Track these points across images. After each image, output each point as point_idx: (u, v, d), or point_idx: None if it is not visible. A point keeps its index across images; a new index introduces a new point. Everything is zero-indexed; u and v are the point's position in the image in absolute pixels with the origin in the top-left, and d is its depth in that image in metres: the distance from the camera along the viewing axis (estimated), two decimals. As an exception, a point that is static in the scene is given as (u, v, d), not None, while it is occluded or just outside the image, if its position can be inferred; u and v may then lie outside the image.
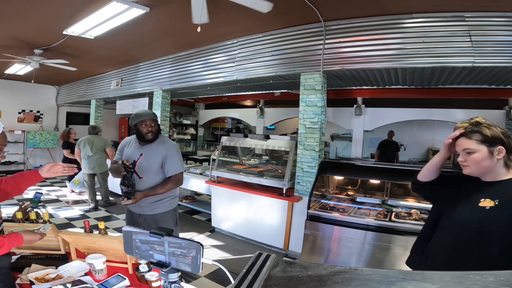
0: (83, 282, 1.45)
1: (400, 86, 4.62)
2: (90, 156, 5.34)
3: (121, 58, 5.84)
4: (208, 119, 9.76)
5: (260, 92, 6.18)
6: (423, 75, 3.71)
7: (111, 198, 5.73)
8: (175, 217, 2.36)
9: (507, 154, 1.26)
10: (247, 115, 8.49)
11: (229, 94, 6.47)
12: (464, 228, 1.29)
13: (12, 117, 8.53)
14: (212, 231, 4.57)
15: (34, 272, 1.45)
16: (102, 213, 5.25)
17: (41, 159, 8.92)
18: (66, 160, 5.93)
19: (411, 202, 3.38)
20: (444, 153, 1.46)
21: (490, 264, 1.19)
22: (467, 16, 2.83)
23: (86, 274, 1.54)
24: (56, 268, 1.55)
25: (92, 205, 5.44)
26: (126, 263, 1.62)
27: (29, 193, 5.93)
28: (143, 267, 1.54)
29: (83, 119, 9.53)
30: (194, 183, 5.03)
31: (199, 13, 2.58)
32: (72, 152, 5.81)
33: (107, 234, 1.75)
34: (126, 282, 1.49)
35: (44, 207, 5.25)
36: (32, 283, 1.40)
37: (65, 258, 1.71)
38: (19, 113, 8.74)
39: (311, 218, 3.29)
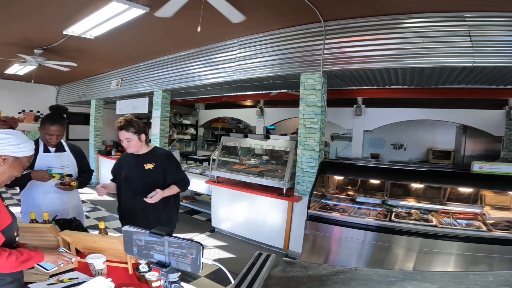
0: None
1: (400, 86, 4.62)
2: None
3: (121, 58, 5.84)
4: (208, 119, 9.76)
5: (260, 92, 6.18)
6: (423, 75, 3.71)
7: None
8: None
9: (146, 137, 2.20)
10: (247, 115, 8.49)
11: (229, 94, 6.46)
12: (139, 184, 2.14)
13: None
14: (212, 231, 4.57)
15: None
16: (102, 213, 5.25)
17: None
18: None
19: (411, 202, 3.38)
20: None
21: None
22: (467, 16, 2.83)
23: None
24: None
25: None
26: (126, 263, 1.62)
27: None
28: (143, 267, 1.54)
29: (83, 119, 9.52)
30: (194, 183, 5.03)
31: (171, 8, 2.60)
32: None
33: (107, 234, 1.75)
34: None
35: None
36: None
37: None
38: (19, 113, 8.74)
39: (311, 218, 3.29)
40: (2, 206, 1.23)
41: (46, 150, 2.28)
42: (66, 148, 2.39)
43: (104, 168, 7.36)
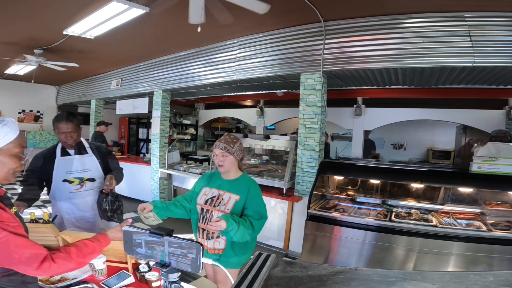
0: (87, 283, 1.46)
1: (400, 86, 4.62)
2: None
3: (121, 58, 5.84)
4: (208, 119, 9.75)
5: (260, 92, 6.18)
6: (423, 75, 3.71)
7: None
8: None
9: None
10: (247, 115, 8.49)
11: (229, 94, 6.46)
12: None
13: (12, 117, 8.49)
14: (212, 231, 4.56)
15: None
16: (102, 213, 5.24)
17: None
18: None
19: (411, 202, 3.37)
20: None
21: None
22: (467, 16, 2.83)
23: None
24: None
25: None
26: (126, 263, 1.63)
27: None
28: (143, 267, 1.54)
29: (83, 119, 9.52)
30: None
31: (198, 13, 2.58)
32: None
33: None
34: (131, 279, 1.50)
35: (45, 207, 5.25)
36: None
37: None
38: (19, 113, 8.75)
39: (311, 218, 3.28)
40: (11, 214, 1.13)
41: (65, 154, 2.15)
42: (89, 150, 2.23)
43: (104, 168, 7.35)
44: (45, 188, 2.21)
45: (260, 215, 1.80)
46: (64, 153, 2.15)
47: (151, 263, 1.23)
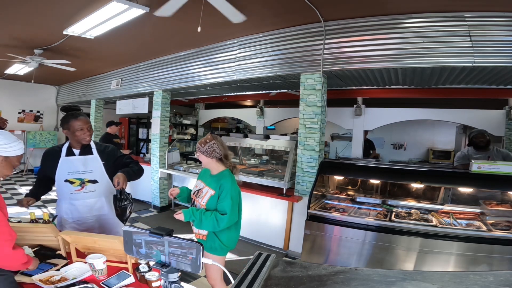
0: (87, 283, 1.46)
1: (400, 86, 4.61)
2: None
3: (121, 58, 5.84)
4: (208, 119, 9.75)
5: (260, 92, 6.18)
6: (423, 75, 3.71)
7: None
8: None
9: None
10: (247, 115, 8.49)
11: (229, 94, 6.46)
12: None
13: (12, 117, 8.53)
14: (212, 231, 4.56)
15: (37, 275, 1.45)
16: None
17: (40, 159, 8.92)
18: None
19: (411, 202, 3.37)
20: None
21: None
22: (467, 16, 2.83)
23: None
24: (58, 270, 1.55)
25: None
26: (126, 263, 1.62)
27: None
28: (143, 267, 1.54)
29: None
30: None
31: (170, 7, 2.59)
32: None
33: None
34: (131, 279, 1.50)
35: (45, 207, 5.26)
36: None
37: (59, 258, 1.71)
38: (19, 113, 8.75)
39: (311, 218, 3.28)
40: None
41: (70, 153, 2.09)
42: (94, 150, 2.14)
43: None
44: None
45: (223, 211, 2.02)
46: (69, 153, 2.09)
47: (151, 263, 1.23)
